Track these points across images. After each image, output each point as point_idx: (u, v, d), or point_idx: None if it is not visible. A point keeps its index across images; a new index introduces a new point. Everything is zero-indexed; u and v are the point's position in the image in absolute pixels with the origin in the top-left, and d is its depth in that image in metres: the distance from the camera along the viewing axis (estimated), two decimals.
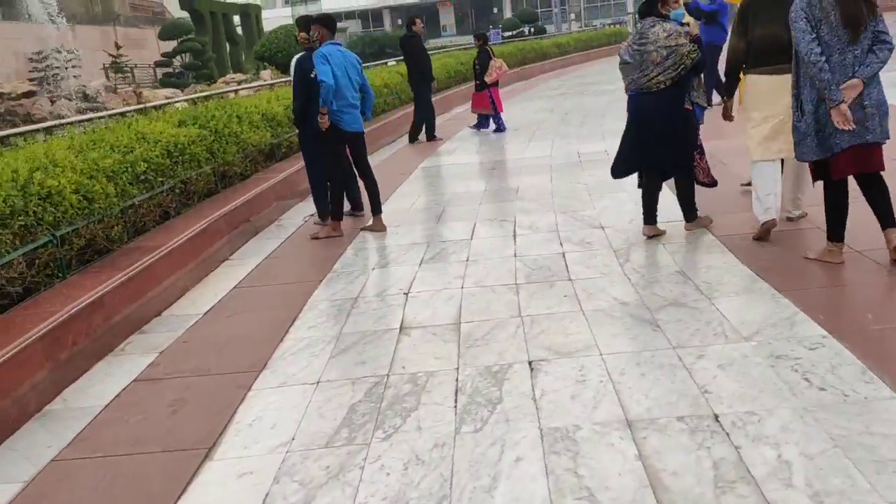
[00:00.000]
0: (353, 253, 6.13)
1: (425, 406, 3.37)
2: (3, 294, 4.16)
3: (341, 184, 6.69)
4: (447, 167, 9.74)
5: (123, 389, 3.88)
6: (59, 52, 25.18)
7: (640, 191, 5.72)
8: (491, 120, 12.44)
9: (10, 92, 24.52)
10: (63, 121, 14.66)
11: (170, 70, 28.78)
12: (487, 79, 11.99)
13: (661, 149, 5.40)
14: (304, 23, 7.04)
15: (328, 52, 6.37)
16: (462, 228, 6.50)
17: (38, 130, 10.26)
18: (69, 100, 23.79)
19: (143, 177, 5.76)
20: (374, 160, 10.40)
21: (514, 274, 5.10)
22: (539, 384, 3.45)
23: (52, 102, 22.77)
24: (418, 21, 11.59)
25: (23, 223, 4.33)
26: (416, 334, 4.23)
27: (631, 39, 5.48)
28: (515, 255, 5.53)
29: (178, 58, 28.52)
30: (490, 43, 13.10)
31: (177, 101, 14.53)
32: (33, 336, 3.77)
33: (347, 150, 6.70)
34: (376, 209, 6.82)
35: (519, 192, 7.69)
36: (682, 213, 5.69)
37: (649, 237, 5.58)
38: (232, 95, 15.37)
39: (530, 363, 3.68)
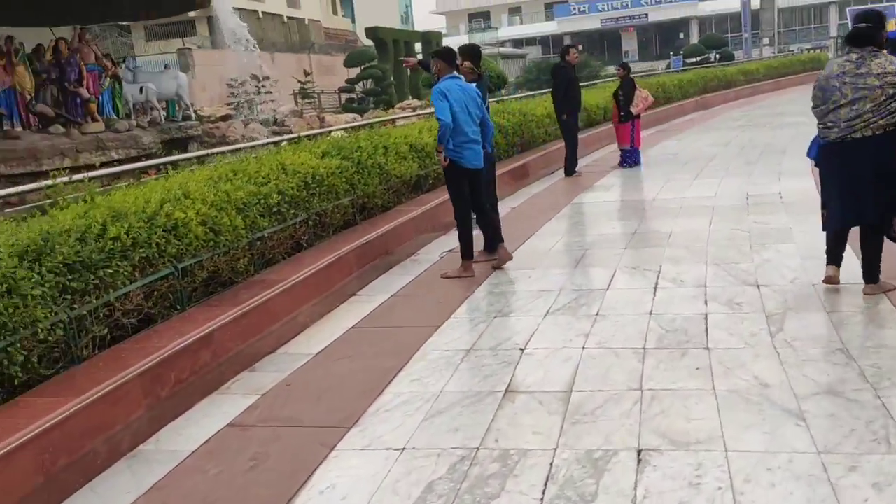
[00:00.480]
0: (479, 296, 5.83)
1: (508, 494, 2.98)
2: (118, 325, 4.24)
3: (466, 221, 6.44)
4: (599, 204, 9.22)
5: (214, 435, 3.79)
6: (256, 78, 26.99)
7: (811, 243, 5.01)
8: (624, 153, 11.85)
9: (209, 115, 26.64)
10: (246, 144, 15.54)
11: (352, 96, 30.03)
12: (633, 110, 11.34)
13: (875, 202, 4.67)
14: (466, 52, 6.93)
15: (447, 87, 6.17)
16: (599, 276, 6.01)
17: (224, 152, 10.96)
18: (261, 123, 25.41)
19: (275, 209, 5.79)
20: (526, 193, 10.22)
21: (644, 335, 4.57)
22: (644, 481, 2.96)
23: (245, 125, 24.40)
24: (573, 51, 11.21)
25: (144, 255, 4.41)
26: (520, 400, 3.84)
27: (836, 70, 4.73)
28: (651, 313, 4.98)
29: (361, 84, 29.71)
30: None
31: (335, 129, 15.01)
32: (133, 372, 3.77)
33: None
34: (489, 246, 6.58)
35: (671, 238, 7.06)
36: (861, 272, 4.91)
37: (827, 281, 4.95)
38: (401, 122, 15.68)
39: (639, 452, 3.19)
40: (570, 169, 11.38)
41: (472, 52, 6.98)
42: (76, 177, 5.83)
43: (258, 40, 38.24)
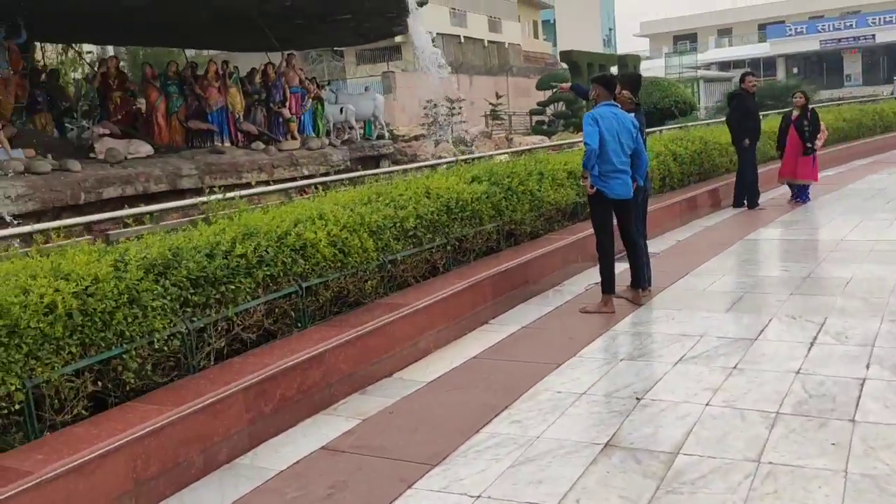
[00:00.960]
0: (612, 335, 5.50)
1: None
2: (239, 340, 4.43)
3: (608, 253, 6.12)
4: (775, 242, 8.43)
5: (306, 456, 3.83)
6: (449, 100, 27.81)
7: None
8: (799, 188, 10.78)
9: (404, 134, 27.78)
10: (429, 162, 16.04)
11: (543, 118, 30.05)
12: (818, 143, 10.29)
13: None
14: (626, 80, 6.67)
15: (600, 113, 5.91)
16: (751, 323, 5.45)
17: (406, 170, 11.44)
18: (451, 143, 26.08)
19: (411, 232, 5.82)
20: (699, 225, 9.56)
21: (781, 398, 4.05)
22: None
23: (436, 145, 25.17)
24: (749, 78, 10.41)
25: (269, 273, 4.58)
26: (617, 457, 3.52)
27: None
28: (798, 372, 4.42)
29: (552, 106, 29.64)
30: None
31: (498, 152, 14.97)
32: (237, 387, 3.91)
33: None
34: (636, 282, 6.22)
35: (848, 285, 6.28)
36: None
37: None
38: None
39: None
40: (751, 201, 10.54)
41: (631, 80, 6.69)
42: (230, 194, 6.21)
43: (458, 63, 39.60)
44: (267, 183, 13.83)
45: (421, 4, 17.47)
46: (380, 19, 19.63)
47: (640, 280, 6.30)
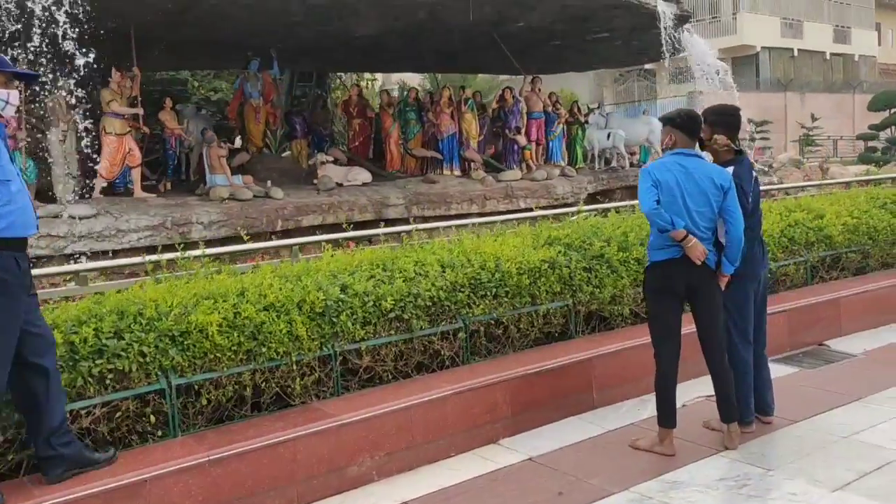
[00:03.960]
0: (645, 492, 3.66)
1: None
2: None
3: (665, 365, 4.17)
4: None
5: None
6: (752, 122, 24.52)
7: None
8: None
9: None
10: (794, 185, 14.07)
11: (875, 144, 25.11)
12: None
13: None
14: (720, 119, 4.59)
15: (663, 165, 4.06)
16: None
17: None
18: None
19: (392, 315, 4.53)
20: None
21: None
22: None
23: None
24: None
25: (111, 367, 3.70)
26: None
27: None
28: None
29: (890, 131, 24.62)
30: None
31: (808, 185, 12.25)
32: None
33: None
34: (725, 414, 4.14)
35: None
36: None
37: None
38: None
39: None
40: None
41: (727, 118, 4.53)
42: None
43: (788, 80, 35.11)
44: (480, 215, 13.08)
45: (682, 20, 15.22)
46: (648, 35, 17.69)
47: (729, 410, 4.22)
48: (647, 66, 33.94)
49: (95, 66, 10.49)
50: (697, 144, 4.32)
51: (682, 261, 4.08)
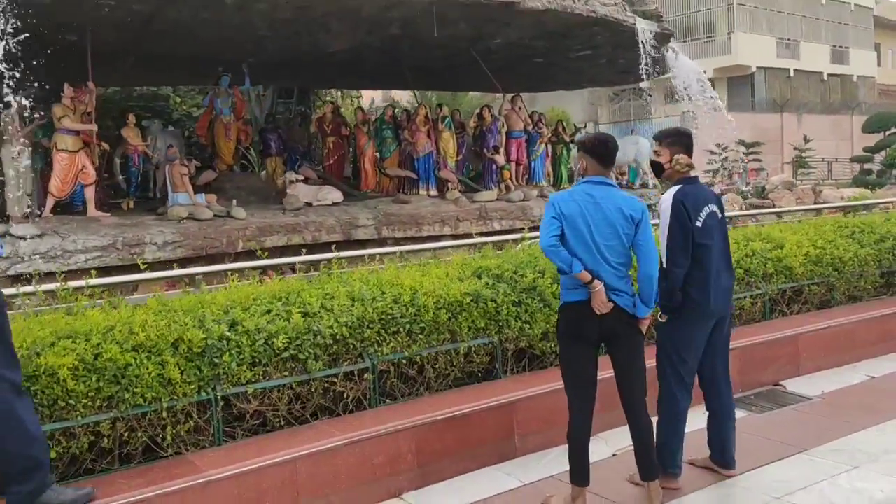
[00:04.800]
0: None
1: None
2: None
3: (577, 419, 3.73)
4: None
5: None
6: (744, 143, 24.07)
7: None
8: None
9: None
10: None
11: (871, 167, 24.68)
12: None
13: None
14: (675, 138, 4.19)
15: (567, 197, 3.65)
16: None
17: None
18: (740, 195, 22.66)
19: (285, 354, 4.12)
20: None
21: None
22: None
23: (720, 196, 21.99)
24: None
25: None
26: None
27: None
28: None
29: (884, 153, 24.19)
30: None
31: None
32: None
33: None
34: (644, 472, 3.72)
35: None
36: None
37: None
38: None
39: None
40: None
41: (686, 140, 4.11)
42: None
43: (784, 100, 34.75)
44: (454, 237, 12.67)
45: (663, 38, 14.88)
46: (632, 54, 17.32)
47: (649, 468, 3.78)
48: (641, 85, 33.73)
49: (47, 82, 10.18)
50: (657, 171, 4.01)
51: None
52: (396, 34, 12.38)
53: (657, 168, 4.11)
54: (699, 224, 3.85)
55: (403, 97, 27.81)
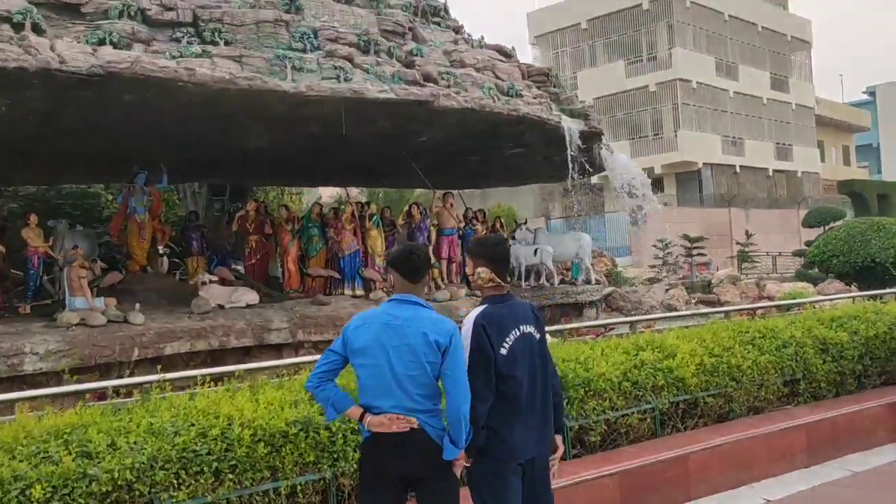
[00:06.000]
0: None
1: None
2: None
3: None
4: None
5: None
6: (688, 238, 24.08)
7: None
8: None
9: (634, 277, 24.51)
10: (643, 317, 13.15)
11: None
12: None
13: None
14: (485, 251, 3.70)
15: (368, 317, 3.15)
16: None
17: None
18: (687, 290, 22.46)
19: None
20: (853, 465, 5.39)
21: None
22: None
23: (666, 291, 21.74)
24: None
25: None
26: None
27: None
28: None
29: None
30: None
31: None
32: None
33: None
34: None
35: None
36: None
37: None
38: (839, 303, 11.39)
39: None
40: None
41: (489, 250, 3.65)
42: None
43: (731, 195, 35.30)
44: None
45: (591, 136, 14.85)
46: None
47: None
48: (593, 180, 34.04)
49: None
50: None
51: (394, 438, 3.12)
52: (317, 132, 12.11)
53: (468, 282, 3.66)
54: (503, 351, 3.34)
55: (355, 192, 27.64)
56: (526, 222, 19.53)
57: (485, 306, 3.44)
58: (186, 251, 14.71)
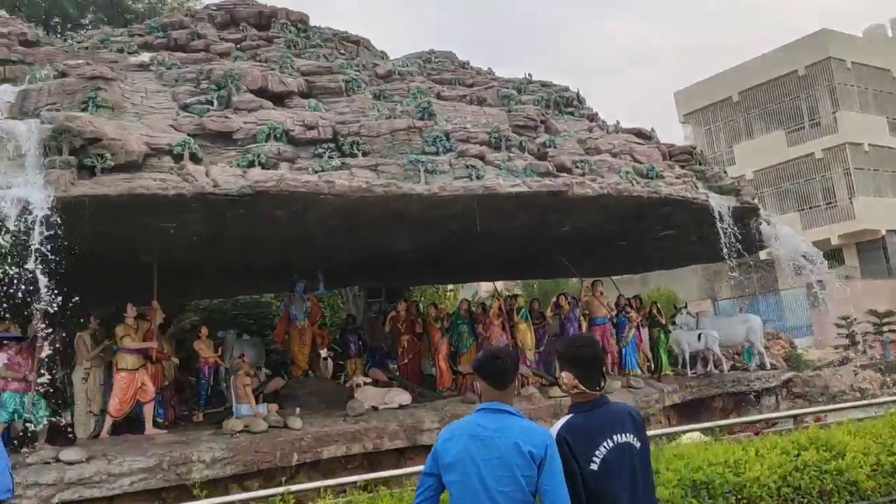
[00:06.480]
0: None
1: None
2: None
3: None
4: None
5: None
6: (876, 314, 21.88)
7: None
8: None
9: (817, 359, 22.46)
10: (822, 408, 12.14)
11: None
12: None
13: None
14: (573, 358, 3.45)
15: (457, 429, 2.97)
16: None
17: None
18: (880, 371, 20.41)
19: None
20: None
21: None
22: None
23: (855, 374, 19.78)
24: None
25: None
26: None
27: None
28: None
29: None
30: None
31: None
32: None
33: None
34: None
35: None
36: None
37: None
38: None
39: None
40: None
41: (574, 352, 3.37)
42: None
43: None
44: None
45: (746, 212, 14.08)
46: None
47: None
48: (762, 256, 31.98)
49: (116, 303, 10.58)
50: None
51: None
52: (456, 229, 12.29)
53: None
54: (593, 467, 3.01)
55: (509, 284, 27.66)
56: (686, 306, 18.62)
57: (570, 416, 3.16)
58: (345, 353, 15.18)
